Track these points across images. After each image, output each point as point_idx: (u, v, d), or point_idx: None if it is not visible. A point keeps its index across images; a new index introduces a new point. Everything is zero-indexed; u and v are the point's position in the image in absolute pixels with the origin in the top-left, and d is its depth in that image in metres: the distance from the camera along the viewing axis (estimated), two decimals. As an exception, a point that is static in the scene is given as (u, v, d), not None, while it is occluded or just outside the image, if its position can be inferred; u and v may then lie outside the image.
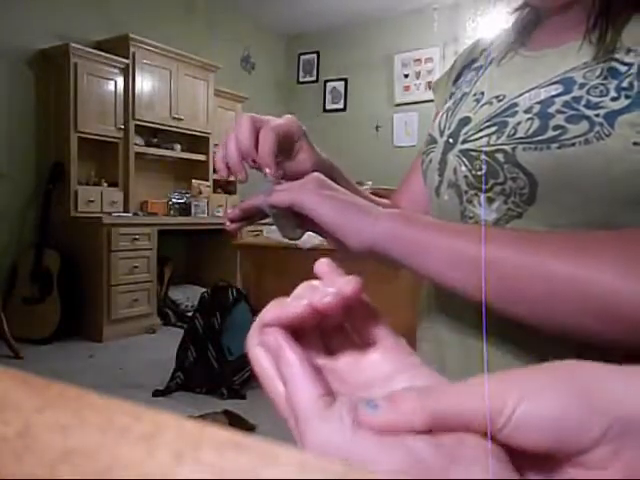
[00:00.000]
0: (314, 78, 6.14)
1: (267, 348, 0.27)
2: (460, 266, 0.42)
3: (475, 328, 0.52)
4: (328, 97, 6.04)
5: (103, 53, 3.93)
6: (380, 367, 0.28)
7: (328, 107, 6.04)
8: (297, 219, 0.50)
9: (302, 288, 0.28)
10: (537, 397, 0.21)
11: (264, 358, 0.27)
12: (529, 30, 0.59)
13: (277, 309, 0.27)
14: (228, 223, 0.55)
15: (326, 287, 0.27)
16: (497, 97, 0.54)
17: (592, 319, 0.38)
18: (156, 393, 2.64)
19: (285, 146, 0.55)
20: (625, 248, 0.38)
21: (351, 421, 0.22)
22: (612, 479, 0.21)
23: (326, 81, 6.04)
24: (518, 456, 0.22)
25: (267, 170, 0.51)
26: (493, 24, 4.53)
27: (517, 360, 0.49)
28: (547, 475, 0.22)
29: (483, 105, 0.55)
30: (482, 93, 0.57)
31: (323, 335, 0.29)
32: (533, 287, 0.39)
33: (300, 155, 0.57)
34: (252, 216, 0.54)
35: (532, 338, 0.45)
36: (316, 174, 0.50)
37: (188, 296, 4.46)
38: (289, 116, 0.57)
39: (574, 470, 0.21)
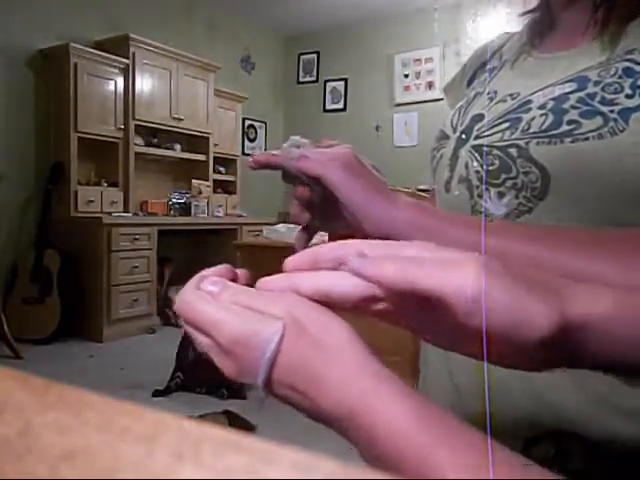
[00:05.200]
0: (314, 78, 6.13)
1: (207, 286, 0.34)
2: None
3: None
4: (328, 97, 6.04)
5: (103, 53, 3.93)
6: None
7: (328, 107, 6.03)
8: (315, 188, 0.48)
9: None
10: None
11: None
12: (541, 32, 0.60)
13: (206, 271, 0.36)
14: (250, 159, 0.51)
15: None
16: (511, 95, 0.55)
17: None
18: (156, 393, 2.64)
19: None
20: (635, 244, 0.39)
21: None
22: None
23: (326, 81, 6.03)
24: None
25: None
26: (494, 25, 4.53)
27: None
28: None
29: (497, 103, 0.56)
30: (495, 92, 0.58)
31: None
32: None
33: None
34: (274, 168, 0.51)
35: None
36: (347, 150, 0.47)
37: (188, 296, 4.45)
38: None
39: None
